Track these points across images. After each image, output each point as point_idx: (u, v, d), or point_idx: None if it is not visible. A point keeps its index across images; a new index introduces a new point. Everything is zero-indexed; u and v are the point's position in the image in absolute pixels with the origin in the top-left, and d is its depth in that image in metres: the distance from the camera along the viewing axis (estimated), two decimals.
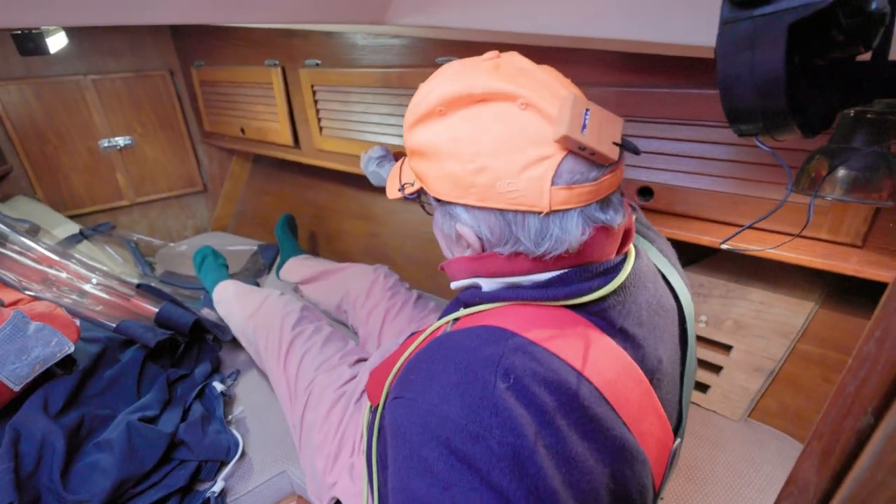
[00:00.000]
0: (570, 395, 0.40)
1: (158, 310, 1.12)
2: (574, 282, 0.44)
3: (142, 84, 1.78)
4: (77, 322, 0.98)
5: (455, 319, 0.49)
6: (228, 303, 1.20)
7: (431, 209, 0.52)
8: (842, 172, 0.57)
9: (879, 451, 0.23)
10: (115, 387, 0.98)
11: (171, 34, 1.80)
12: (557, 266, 0.45)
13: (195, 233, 2.09)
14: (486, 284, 0.48)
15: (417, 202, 0.54)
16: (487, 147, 0.42)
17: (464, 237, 0.47)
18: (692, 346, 0.56)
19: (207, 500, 0.82)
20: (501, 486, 0.36)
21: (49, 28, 1.34)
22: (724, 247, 0.75)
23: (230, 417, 1.02)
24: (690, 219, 0.88)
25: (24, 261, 1.20)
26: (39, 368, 0.84)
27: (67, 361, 0.93)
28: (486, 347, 0.40)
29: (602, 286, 0.44)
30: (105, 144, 1.77)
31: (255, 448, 0.95)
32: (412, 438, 0.39)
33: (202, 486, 0.86)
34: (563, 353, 0.41)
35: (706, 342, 1.00)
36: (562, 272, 0.45)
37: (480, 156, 0.42)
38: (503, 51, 0.47)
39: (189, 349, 1.16)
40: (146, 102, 1.81)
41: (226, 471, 0.88)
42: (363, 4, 0.77)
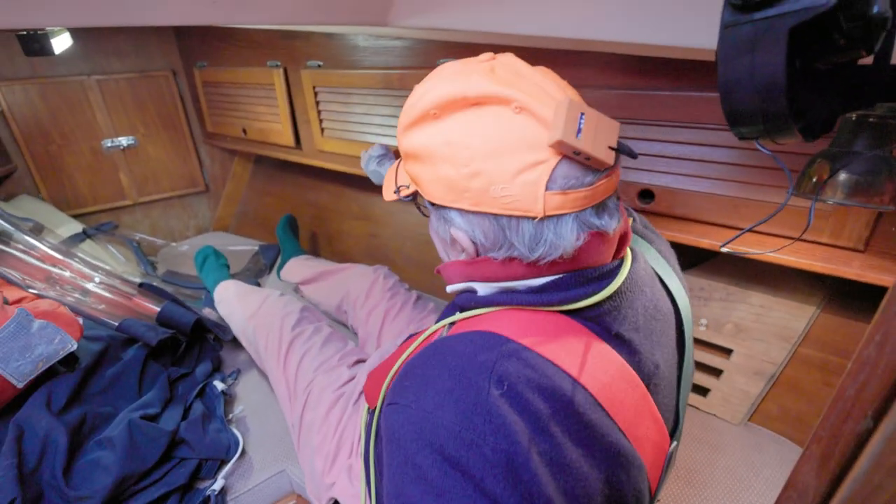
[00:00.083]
0: (565, 402, 0.39)
1: (160, 309, 1.13)
2: (569, 287, 0.43)
3: (145, 84, 1.79)
4: (80, 320, 0.99)
5: (451, 324, 0.49)
6: (229, 303, 1.20)
7: (427, 211, 0.52)
8: (843, 176, 0.57)
9: (878, 454, 0.23)
10: (117, 385, 0.99)
11: (175, 35, 1.81)
12: (552, 271, 0.44)
13: (197, 233, 2.10)
14: (482, 288, 0.48)
15: (414, 204, 0.53)
16: (481, 151, 0.41)
17: (458, 241, 0.47)
18: (690, 350, 0.55)
19: (208, 498, 0.82)
20: (495, 493, 0.36)
21: (54, 29, 1.35)
22: (725, 250, 0.75)
23: (230, 416, 1.02)
24: (691, 222, 0.88)
25: (28, 259, 1.21)
26: (43, 366, 0.84)
27: (70, 359, 0.94)
28: (480, 353, 0.40)
29: (597, 291, 0.43)
30: (108, 144, 1.78)
31: (255, 447, 0.95)
32: (406, 445, 0.39)
33: (202, 485, 0.86)
34: (558, 359, 0.41)
35: (706, 346, 1.00)
36: (556, 277, 0.44)
37: (474, 160, 0.41)
38: (503, 53, 0.47)
39: (190, 348, 1.16)
40: (149, 103, 1.82)
41: (226, 469, 0.88)
42: (365, 6, 0.77)
